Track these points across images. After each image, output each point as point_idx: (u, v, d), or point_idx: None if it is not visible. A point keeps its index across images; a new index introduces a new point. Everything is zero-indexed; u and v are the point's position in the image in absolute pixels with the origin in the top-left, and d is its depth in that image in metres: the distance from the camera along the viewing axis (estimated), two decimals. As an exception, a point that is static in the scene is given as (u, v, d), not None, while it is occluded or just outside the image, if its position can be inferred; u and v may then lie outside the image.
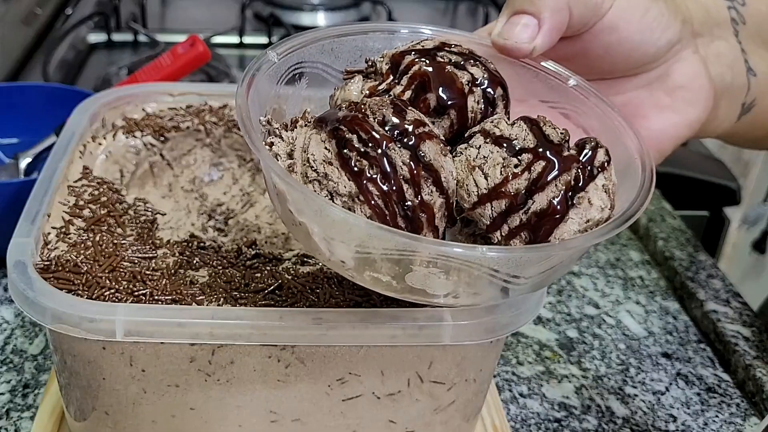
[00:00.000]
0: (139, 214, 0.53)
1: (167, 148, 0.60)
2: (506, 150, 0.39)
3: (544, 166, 0.38)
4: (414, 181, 0.37)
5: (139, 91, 0.62)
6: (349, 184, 0.37)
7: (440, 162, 0.38)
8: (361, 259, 0.38)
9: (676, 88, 0.48)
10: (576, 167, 0.39)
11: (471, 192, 0.39)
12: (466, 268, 0.37)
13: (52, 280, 0.45)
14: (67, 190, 0.52)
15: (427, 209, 0.38)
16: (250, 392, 0.47)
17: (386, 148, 0.37)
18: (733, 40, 0.50)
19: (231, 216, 0.58)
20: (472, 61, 0.43)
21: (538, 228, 0.38)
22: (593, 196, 0.39)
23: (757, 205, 1.52)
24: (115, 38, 1.14)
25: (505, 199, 0.38)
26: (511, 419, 0.60)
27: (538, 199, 0.38)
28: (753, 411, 0.62)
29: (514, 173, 0.38)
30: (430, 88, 0.41)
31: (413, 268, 0.37)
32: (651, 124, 0.47)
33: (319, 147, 0.38)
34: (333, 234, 0.38)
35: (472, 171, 0.39)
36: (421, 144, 0.38)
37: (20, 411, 0.57)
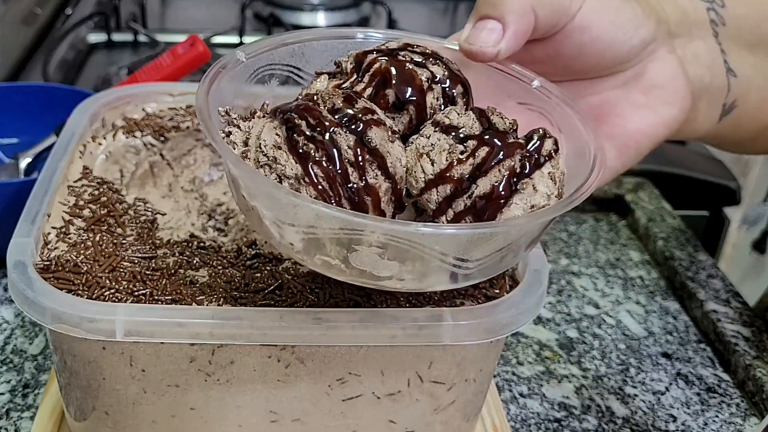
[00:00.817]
0: (139, 214, 0.53)
1: (167, 148, 0.60)
2: (453, 137, 0.40)
3: (487, 151, 0.39)
4: (359, 165, 0.38)
5: (139, 91, 0.62)
6: (295, 167, 0.38)
7: (386, 147, 0.39)
8: (309, 241, 0.39)
9: (652, 88, 0.48)
10: (520, 153, 0.39)
11: (418, 178, 0.40)
12: (409, 249, 0.38)
13: (52, 280, 0.45)
14: (67, 190, 0.52)
15: (372, 192, 0.38)
16: (250, 392, 0.47)
17: (332, 132, 0.38)
18: (712, 41, 0.50)
19: (231, 216, 0.58)
20: (433, 60, 0.44)
21: (481, 212, 0.39)
22: (538, 182, 0.40)
23: (757, 205, 1.52)
24: (115, 38, 1.14)
25: (450, 184, 0.39)
26: (511, 419, 0.60)
27: (481, 184, 0.39)
28: (753, 411, 0.62)
29: (459, 159, 0.39)
30: (390, 84, 0.42)
31: (356, 248, 0.38)
32: (627, 123, 0.48)
33: (271, 133, 0.39)
34: (282, 217, 0.39)
35: (420, 158, 0.40)
36: (368, 130, 0.39)
37: (20, 411, 0.57)
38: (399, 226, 0.37)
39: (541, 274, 0.48)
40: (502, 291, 0.48)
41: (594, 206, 0.88)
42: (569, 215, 0.87)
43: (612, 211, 0.88)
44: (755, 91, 0.52)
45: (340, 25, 1.20)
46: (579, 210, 0.88)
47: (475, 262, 0.40)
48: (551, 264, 0.78)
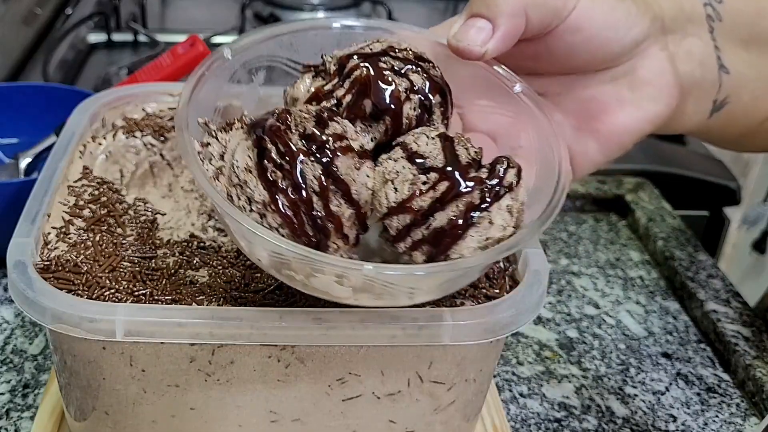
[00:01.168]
0: (139, 214, 0.53)
1: (167, 148, 0.60)
2: (417, 167, 0.41)
3: (447, 186, 0.40)
4: (323, 194, 0.40)
5: (139, 91, 0.62)
6: (263, 193, 0.40)
7: (352, 176, 0.41)
8: (275, 260, 0.41)
9: (639, 84, 0.48)
10: (479, 189, 0.41)
11: (383, 203, 0.41)
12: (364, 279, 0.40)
13: (52, 280, 0.45)
14: (67, 190, 0.52)
15: (335, 220, 0.40)
16: (250, 392, 0.47)
17: (300, 162, 0.40)
18: (707, 37, 0.50)
19: (231, 216, 0.58)
20: (414, 67, 0.45)
21: (438, 243, 0.40)
22: (495, 216, 0.41)
23: (757, 205, 1.52)
24: (115, 38, 1.14)
25: (410, 215, 0.40)
26: (511, 419, 0.60)
27: (439, 217, 0.40)
28: (753, 411, 0.62)
29: (420, 190, 0.41)
30: (369, 94, 0.43)
31: (316, 275, 0.40)
32: (612, 119, 0.48)
33: (244, 155, 0.41)
34: (249, 237, 0.41)
35: (385, 184, 0.41)
36: (335, 159, 0.40)
37: (20, 411, 0.57)
38: (350, 265, 0.39)
39: (541, 274, 0.48)
40: (502, 291, 0.48)
41: (594, 206, 0.88)
42: (569, 215, 0.87)
43: (612, 211, 0.88)
44: (748, 89, 0.53)
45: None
46: (579, 210, 0.88)
47: (427, 289, 0.42)
48: (551, 264, 0.78)
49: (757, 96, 0.53)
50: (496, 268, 0.50)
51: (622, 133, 0.48)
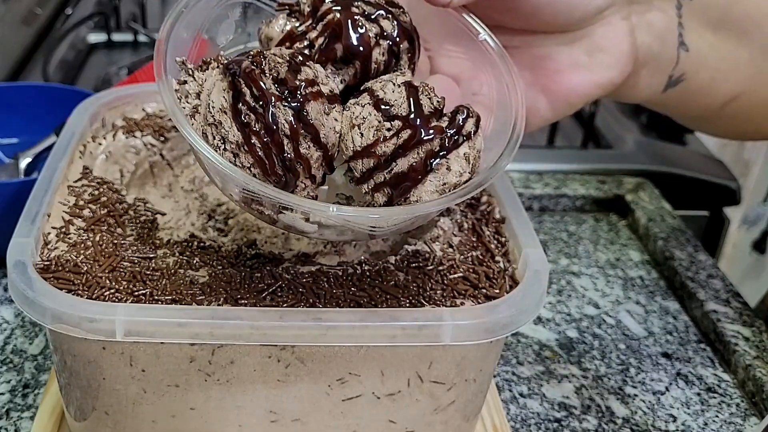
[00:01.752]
0: (139, 214, 0.53)
1: (167, 148, 0.60)
2: (382, 114, 0.44)
3: (410, 134, 0.43)
4: (293, 137, 0.42)
5: (139, 91, 0.62)
6: (237, 134, 0.42)
7: (321, 120, 0.43)
8: (246, 196, 0.44)
9: (596, 50, 0.50)
10: (439, 137, 0.43)
11: (349, 147, 0.44)
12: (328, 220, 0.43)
13: (52, 280, 0.45)
14: (67, 190, 0.52)
15: (304, 161, 0.43)
16: (250, 392, 0.47)
17: (273, 105, 0.42)
18: (673, 12, 0.52)
19: (231, 216, 0.58)
20: (384, 13, 0.47)
21: (398, 186, 0.43)
22: (453, 163, 0.43)
23: (757, 205, 1.52)
24: (115, 38, 1.14)
25: (373, 159, 0.43)
26: (511, 419, 0.60)
27: (400, 163, 0.43)
28: (753, 411, 0.62)
29: (384, 137, 0.43)
30: (340, 38, 0.46)
31: (284, 212, 0.43)
32: (563, 79, 0.50)
33: (219, 96, 0.43)
34: (222, 175, 0.43)
35: (352, 129, 0.44)
36: (306, 104, 0.42)
37: (20, 411, 0.57)
38: (316, 207, 0.42)
39: (541, 274, 0.48)
40: (502, 291, 0.48)
41: (594, 206, 0.88)
42: (569, 215, 0.87)
43: (612, 211, 0.88)
44: (707, 70, 0.54)
45: None
46: (579, 210, 0.88)
47: (388, 228, 0.45)
48: (551, 264, 0.78)
49: (716, 78, 0.54)
50: (495, 268, 0.50)
51: (571, 95, 0.50)
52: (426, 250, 0.50)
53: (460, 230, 0.53)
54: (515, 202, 0.54)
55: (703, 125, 0.61)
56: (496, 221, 0.54)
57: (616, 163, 0.96)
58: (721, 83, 0.55)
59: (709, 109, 0.56)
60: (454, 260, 0.50)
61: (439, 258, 0.50)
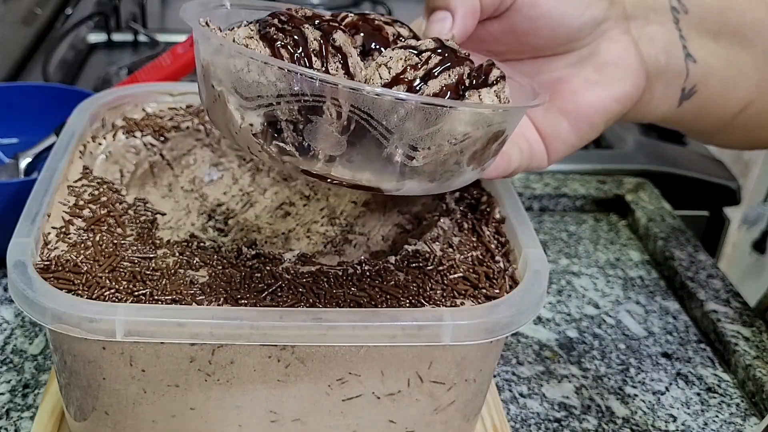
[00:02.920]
0: (139, 214, 0.53)
1: (167, 148, 0.60)
2: (410, 51, 0.43)
3: (440, 59, 0.42)
4: (322, 55, 0.41)
5: (139, 91, 0.62)
6: (264, 51, 0.41)
7: (349, 49, 0.42)
8: (268, 123, 0.40)
9: (604, 65, 0.50)
10: (469, 66, 0.42)
11: (375, 83, 0.42)
12: (363, 124, 0.39)
13: (52, 280, 0.45)
14: (67, 190, 0.52)
15: None
16: (250, 392, 0.47)
17: (301, 26, 0.42)
18: (671, 26, 0.52)
19: (231, 216, 0.58)
20: (400, 24, 0.48)
21: None
22: (485, 96, 0.42)
23: (757, 205, 1.52)
24: (115, 38, 1.14)
25: (403, 85, 0.41)
26: (511, 419, 0.60)
27: (431, 85, 0.41)
28: (753, 411, 0.62)
29: (412, 65, 0.42)
30: (359, 34, 0.46)
31: (311, 118, 0.40)
32: (579, 99, 0.50)
33: (246, 30, 0.42)
34: (245, 93, 0.40)
35: (378, 68, 0.42)
36: (334, 32, 0.42)
37: (20, 411, 0.57)
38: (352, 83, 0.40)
39: (541, 274, 0.48)
40: (502, 291, 0.48)
41: (594, 206, 0.88)
42: (569, 215, 0.87)
43: (612, 211, 0.88)
44: (716, 79, 0.54)
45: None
46: (579, 210, 0.88)
47: (421, 153, 0.40)
48: (551, 264, 0.78)
49: (726, 87, 0.55)
50: (495, 268, 0.50)
51: (591, 113, 0.50)
52: (426, 250, 0.50)
53: (460, 230, 0.53)
54: (515, 202, 0.54)
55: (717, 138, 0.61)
56: (496, 221, 0.54)
57: (616, 163, 0.96)
58: (731, 92, 0.55)
59: (722, 119, 0.56)
60: (454, 260, 0.50)
61: (439, 258, 0.50)
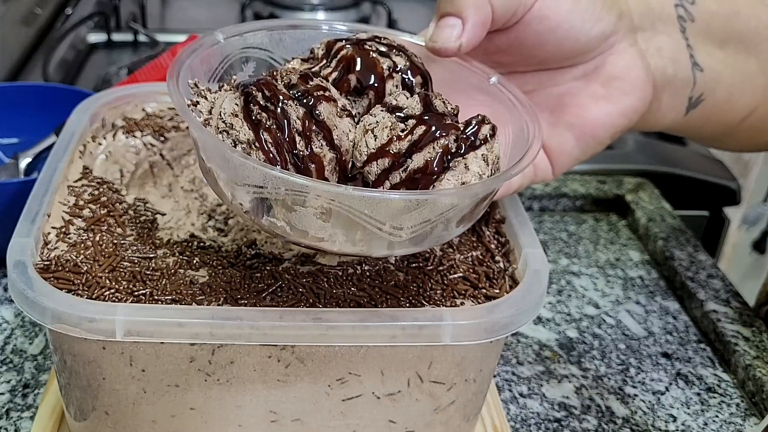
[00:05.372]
0: (139, 214, 0.53)
1: (167, 148, 0.60)
2: (396, 117, 0.43)
3: (424, 130, 0.42)
4: (306, 135, 0.42)
5: (139, 91, 0.62)
6: (248, 133, 0.41)
7: (334, 121, 0.42)
8: (257, 202, 0.42)
9: (611, 79, 0.50)
10: (455, 134, 0.42)
11: (362, 152, 0.43)
12: (346, 213, 0.41)
13: (52, 280, 0.45)
14: (67, 190, 0.52)
15: (316, 160, 0.42)
16: (250, 392, 0.47)
17: (284, 103, 0.42)
18: (678, 35, 0.52)
19: (231, 216, 0.58)
20: (397, 51, 0.47)
21: (414, 185, 0.42)
22: (471, 162, 0.42)
23: (757, 205, 1.52)
24: (115, 38, 1.14)
25: (388, 158, 0.42)
26: (511, 419, 0.60)
27: (416, 159, 0.41)
28: (753, 411, 0.62)
29: (398, 135, 0.42)
30: (354, 70, 0.46)
31: (297, 209, 0.41)
32: (586, 113, 0.50)
33: (231, 103, 0.43)
34: (234, 178, 0.42)
35: (365, 134, 0.43)
36: (318, 104, 0.42)
37: (20, 411, 0.57)
38: (333, 187, 0.40)
39: (541, 274, 0.48)
40: (502, 291, 0.48)
41: (594, 206, 0.88)
42: (569, 215, 0.87)
43: (612, 211, 0.88)
44: (723, 86, 0.54)
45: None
46: (579, 210, 0.88)
47: (407, 230, 0.42)
48: (551, 264, 0.78)
49: (732, 93, 0.54)
50: (495, 268, 0.50)
51: (596, 127, 0.50)
52: (426, 250, 0.50)
53: (460, 230, 0.53)
54: (515, 202, 0.54)
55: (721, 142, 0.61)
56: (496, 221, 0.54)
57: (616, 163, 0.96)
58: (737, 98, 0.55)
59: (729, 125, 0.56)
60: (454, 260, 0.50)
61: (439, 258, 0.50)
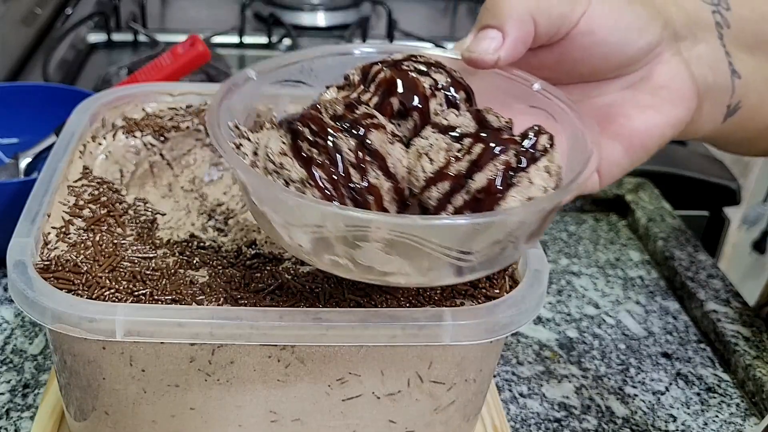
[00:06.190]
0: (139, 214, 0.53)
1: (167, 148, 0.60)
2: (450, 137, 0.42)
3: (483, 148, 0.41)
4: (360, 166, 0.40)
5: (139, 91, 0.62)
6: (300, 171, 0.40)
7: (386, 149, 0.41)
8: (317, 241, 0.40)
9: (658, 89, 0.49)
10: (515, 149, 0.41)
11: (419, 177, 0.41)
12: (412, 243, 0.39)
13: (52, 280, 0.45)
14: (67, 190, 0.52)
15: (374, 191, 0.40)
16: (250, 392, 0.47)
17: (334, 137, 0.40)
18: (716, 43, 0.51)
19: (231, 216, 0.58)
20: (436, 68, 0.45)
21: (479, 206, 0.40)
22: (534, 176, 0.41)
23: (757, 205, 1.52)
24: (115, 38, 1.14)
25: (448, 180, 0.40)
26: (511, 419, 0.60)
27: (477, 179, 0.40)
28: (753, 411, 0.62)
29: (456, 156, 0.41)
30: (395, 93, 0.44)
31: (360, 245, 0.39)
32: (633, 124, 0.48)
33: (277, 141, 0.41)
34: (290, 219, 0.41)
35: (420, 158, 0.41)
36: (368, 133, 0.41)
37: (20, 411, 0.57)
38: (398, 219, 0.39)
39: (541, 274, 0.48)
40: (502, 291, 0.48)
41: (594, 206, 0.88)
42: (569, 215, 0.87)
43: (612, 211, 0.88)
44: (754, 93, 0.53)
45: (340, 26, 1.20)
46: (579, 210, 0.88)
47: (476, 254, 0.41)
48: (551, 264, 0.78)
49: (764, 99, 0.54)
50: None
51: (645, 138, 0.48)
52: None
53: (460, 230, 0.53)
54: (515, 202, 0.54)
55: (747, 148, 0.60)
56: (496, 221, 0.54)
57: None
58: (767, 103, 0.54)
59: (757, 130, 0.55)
60: (454, 260, 0.50)
61: (439, 258, 0.50)
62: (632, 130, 0.48)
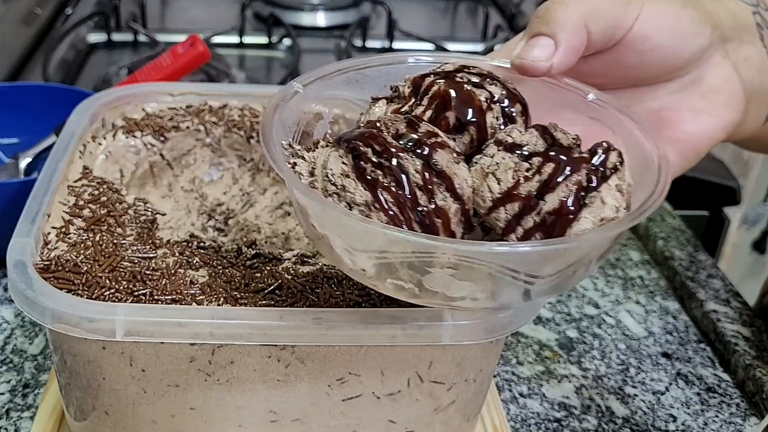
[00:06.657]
0: (139, 214, 0.53)
1: (167, 148, 0.60)
2: (518, 155, 0.40)
3: (554, 167, 0.39)
4: (427, 188, 0.39)
5: (139, 91, 0.62)
6: (365, 194, 0.38)
7: (453, 169, 0.39)
8: (381, 266, 0.39)
9: (710, 92, 0.48)
10: (586, 168, 0.39)
11: (485, 197, 0.40)
12: (481, 268, 0.38)
13: (52, 280, 0.45)
14: (67, 190, 0.52)
15: (442, 214, 0.39)
16: (250, 392, 0.47)
17: (399, 157, 0.39)
18: (759, 44, 0.51)
19: (231, 216, 0.58)
20: (490, 80, 0.44)
21: (551, 228, 0.39)
22: (606, 195, 0.39)
23: (757, 205, 1.52)
24: (115, 38, 1.14)
25: (518, 202, 0.39)
26: (511, 419, 0.60)
27: (549, 200, 0.39)
28: (753, 411, 0.62)
29: (525, 176, 0.39)
30: (450, 106, 0.43)
31: (429, 270, 0.38)
32: (686, 127, 0.48)
33: (337, 162, 0.40)
34: (353, 243, 0.39)
35: (486, 177, 0.40)
36: (434, 153, 0.39)
37: (20, 411, 0.57)
38: (472, 246, 0.37)
39: (541, 274, 0.48)
40: (502, 291, 0.48)
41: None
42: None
43: (612, 211, 0.88)
44: None
45: (339, 26, 1.20)
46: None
47: (547, 278, 0.40)
48: (551, 264, 0.78)
49: None
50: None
51: (698, 141, 0.48)
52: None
53: (460, 230, 0.53)
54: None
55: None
56: (496, 221, 0.53)
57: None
58: None
59: None
60: (455, 260, 0.50)
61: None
62: (686, 135, 0.47)
